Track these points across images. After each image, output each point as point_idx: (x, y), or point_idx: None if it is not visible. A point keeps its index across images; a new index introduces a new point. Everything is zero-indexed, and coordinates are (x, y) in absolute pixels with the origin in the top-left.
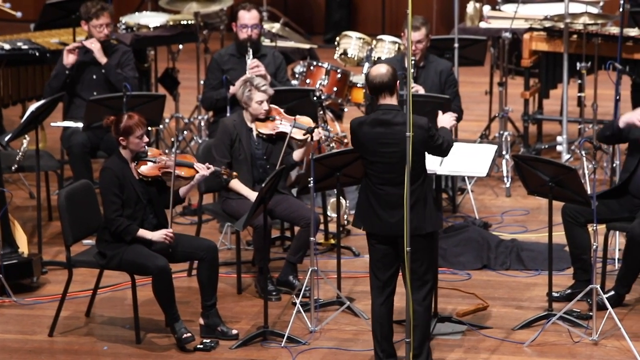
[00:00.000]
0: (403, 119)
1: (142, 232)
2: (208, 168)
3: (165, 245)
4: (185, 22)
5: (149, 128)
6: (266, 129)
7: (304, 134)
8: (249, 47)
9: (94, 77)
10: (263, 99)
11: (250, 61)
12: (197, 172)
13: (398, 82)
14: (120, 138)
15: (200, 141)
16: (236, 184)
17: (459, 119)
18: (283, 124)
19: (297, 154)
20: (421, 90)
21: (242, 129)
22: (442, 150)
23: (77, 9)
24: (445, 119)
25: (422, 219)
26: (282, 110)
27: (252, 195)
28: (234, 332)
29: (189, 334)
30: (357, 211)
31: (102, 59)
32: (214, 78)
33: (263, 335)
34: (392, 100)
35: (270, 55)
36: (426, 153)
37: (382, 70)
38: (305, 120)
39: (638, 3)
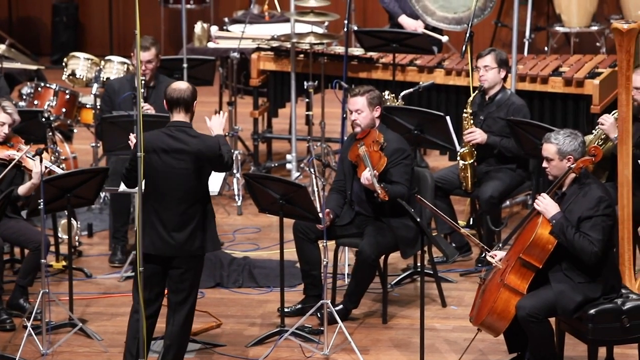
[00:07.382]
0: (196, 136)
1: None
2: None
3: None
4: None
5: None
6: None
7: (33, 156)
8: None
9: None
10: (6, 121)
11: None
12: None
13: (195, 102)
14: None
15: None
16: None
17: None
18: (18, 153)
19: (22, 189)
20: (152, 110)
21: None
22: (227, 166)
23: None
24: (216, 124)
25: (203, 239)
26: (23, 141)
27: None
28: None
29: None
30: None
31: None
32: None
33: None
34: (185, 118)
35: None
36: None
37: (182, 86)
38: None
39: (395, 23)
